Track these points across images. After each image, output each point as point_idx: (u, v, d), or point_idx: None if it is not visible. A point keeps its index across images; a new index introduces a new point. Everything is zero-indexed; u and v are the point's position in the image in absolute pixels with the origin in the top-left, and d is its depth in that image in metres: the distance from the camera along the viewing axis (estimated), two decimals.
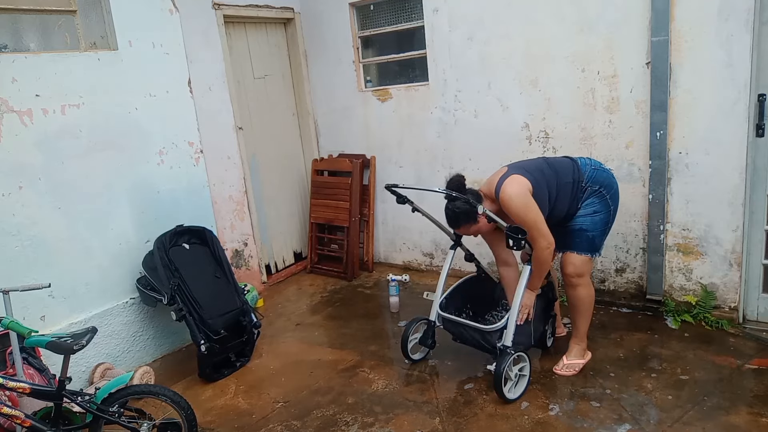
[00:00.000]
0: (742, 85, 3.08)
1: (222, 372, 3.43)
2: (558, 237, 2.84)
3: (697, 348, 3.17)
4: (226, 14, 4.30)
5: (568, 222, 2.92)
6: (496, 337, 2.87)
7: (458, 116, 4.26)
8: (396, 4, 4.47)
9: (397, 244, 4.97)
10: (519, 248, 2.73)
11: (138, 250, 3.58)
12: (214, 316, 3.37)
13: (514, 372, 2.85)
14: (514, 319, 2.82)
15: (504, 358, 2.76)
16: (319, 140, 5.22)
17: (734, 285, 3.36)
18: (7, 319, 2.42)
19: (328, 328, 3.97)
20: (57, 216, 3.19)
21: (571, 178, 2.88)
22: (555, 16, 3.63)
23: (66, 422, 2.45)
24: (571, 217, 2.91)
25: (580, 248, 2.90)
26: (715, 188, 3.28)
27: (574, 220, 2.90)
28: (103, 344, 3.41)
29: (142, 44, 3.58)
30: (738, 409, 2.61)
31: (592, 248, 2.91)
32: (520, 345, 2.88)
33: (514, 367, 2.85)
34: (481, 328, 2.91)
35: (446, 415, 2.81)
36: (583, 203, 2.89)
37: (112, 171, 3.46)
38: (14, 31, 3.16)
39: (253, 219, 4.61)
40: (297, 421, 2.90)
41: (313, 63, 5.02)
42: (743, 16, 3.00)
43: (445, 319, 3.08)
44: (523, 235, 2.68)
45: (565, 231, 2.91)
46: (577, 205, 2.90)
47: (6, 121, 2.96)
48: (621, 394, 2.82)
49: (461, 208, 2.76)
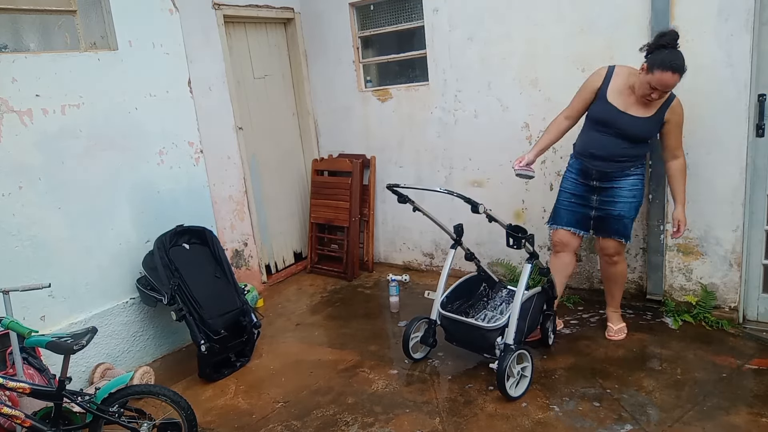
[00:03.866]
0: (742, 85, 3.08)
1: (222, 372, 3.43)
2: (598, 224, 3.16)
3: (697, 348, 3.17)
4: (226, 14, 4.30)
5: (609, 200, 3.09)
6: (496, 336, 2.87)
7: (458, 116, 4.26)
8: (396, 4, 4.47)
9: (397, 244, 4.97)
10: (519, 247, 2.74)
11: (138, 250, 3.58)
12: (214, 316, 3.37)
13: (517, 370, 2.86)
14: (516, 316, 2.83)
15: (507, 355, 2.77)
16: (319, 140, 5.22)
17: (734, 285, 3.36)
18: (7, 319, 2.42)
19: (328, 328, 3.97)
20: (57, 216, 3.19)
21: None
22: (555, 16, 3.63)
23: (66, 422, 2.45)
24: (614, 178, 3.06)
25: (620, 234, 3.13)
26: (715, 188, 3.28)
27: (615, 205, 3.07)
28: (103, 344, 3.41)
29: (142, 44, 3.58)
30: (738, 409, 2.61)
31: (628, 233, 3.15)
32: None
33: (516, 366, 2.85)
34: (482, 326, 2.91)
35: (446, 415, 2.81)
36: (633, 174, 3.05)
37: (112, 171, 3.46)
38: (14, 31, 3.16)
39: (253, 219, 4.61)
40: (297, 421, 2.90)
41: (313, 63, 5.02)
42: (743, 16, 3.00)
43: (446, 317, 3.08)
44: (523, 233, 2.68)
45: (605, 216, 3.12)
46: (632, 164, 3.04)
47: (6, 121, 2.96)
48: (621, 394, 2.82)
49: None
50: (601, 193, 3.12)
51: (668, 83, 2.71)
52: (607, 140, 2.99)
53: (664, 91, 2.76)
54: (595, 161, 3.05)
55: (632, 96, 2.91)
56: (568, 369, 3.10)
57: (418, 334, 3.31)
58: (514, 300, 2.87)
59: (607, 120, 2.96)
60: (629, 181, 3.05)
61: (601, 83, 3.00)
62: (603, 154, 3.02)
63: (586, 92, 3.06)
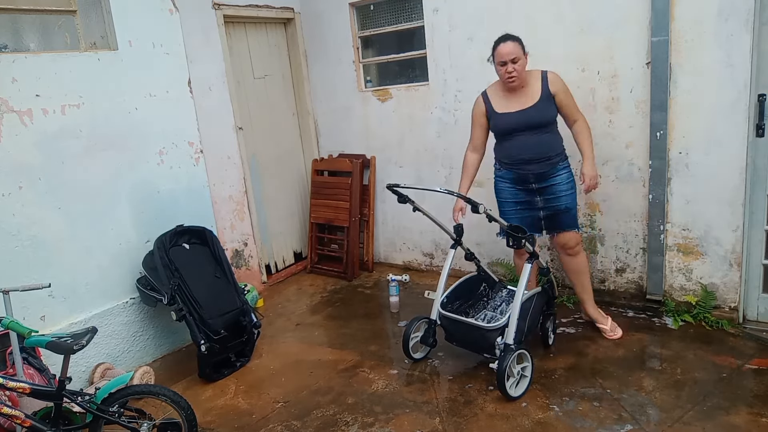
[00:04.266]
0: (742, 85, 3.08)
1: (222, 372, 3.43)
2: (550, 222, 3.26)
3: (697, 348, 3.17)
4: (226, 14, 4.30)
5: (552, 197, 3.20)
6: (496, 336, 2.87)
7: (458, 116, 4.26)
8: (396, 4, 4.47)
9: (397, 244, 4.97)
10: (519, 247, 2.74)
11: (138, 250, 3.58)
12: (214, 316, 3.37)
13: (517, 369, 2.86)
14: (516, 316, 2.83)
15: (507, 355, 2.77)
16: (319, 140, 5.22)
17: (734, 285, 3.36)
18: (7, 319, 2.42)
19: (328, 328, 3.97)
20: (57, 216, 3.19)
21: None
22: (555, 16, 3.63)
23: (66, 422, 2.45)
24: (550, 176, 3.18)
25: (573, 225, 3.26)
26: (715, 188, 3.28)
27: (559, 200, 3.19)
28: (103, 344, 3.41)
29: (142, 44, 3.58)
30: (738, 409, 2.61)
31: (577, 223, 3.31)
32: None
33: (517, 366, 2.85)
34: (483, 326, 2.91)
35: (446, 415, 2.81)
36: (563, 167, 3.20)
37: (112, 171, 3.46)
38: (14, 31, 3.16)
39: (253, 219, 4.61)
40: (297, 421, 2.90)
41: (313, 63, 5.02)
42: (743, 16, 3.00)
43: (446, 317, 3.08)
44: (523, 233, 2.68)
45: (554, 213, 3.22)
46: (560, 158, 3.20)
47: (6, 121, 2.96)
48: (621, 394, 2.82)
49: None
50: (542, 193, 3.21)
51: (508, 51, 2.98)
52: (525, 140, 3.13)
53: (511, 60, 2.99)
54: (530, 165, 3.16)
55: (507, 93, 3.15)
56: (568, 369, 3.10)
57: (418, 334, 3.30)
58: (514, 300, 2.87)
59: (510, 125, 3.14)
60: (563, 175, 3.19)
61: (484, 106, 3.24)
62: (533, 155, 3.13)
63: (478, 120, 3.31)
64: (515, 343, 2.84)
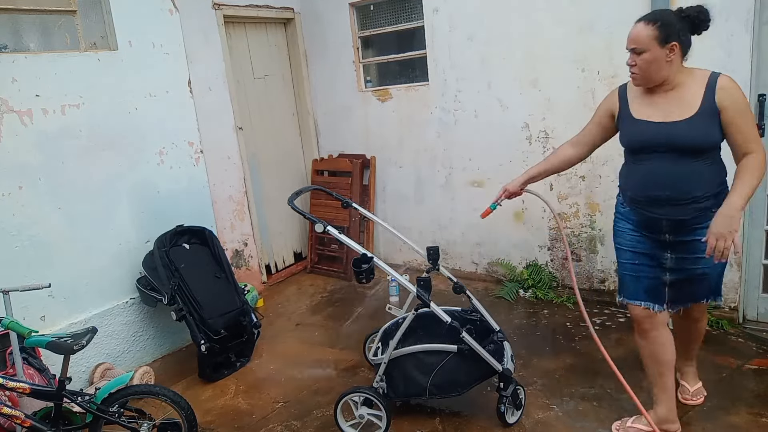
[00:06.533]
0: (742, 85, 3.07)
1: (222, 372, 3.43)
2: (674, 289, 2.31)
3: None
4: (226, 14, 4.30)
5: (688, 257, 2.24)
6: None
7: (458, 116, 4.26)
8: (396, 4, 4.47)
9: (397, 244, 4.97)
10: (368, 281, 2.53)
11: (138, 250, 3.59)
12: (214, 316, 3.37)
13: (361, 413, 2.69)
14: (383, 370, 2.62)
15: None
16: (319, 140, 5.22)
17: (734, 285, 3.36)
18: (7, 319, 2.42)
19: (328, 328, 3.97)
20: (57, 216, 3.19)
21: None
22: (555, 16, 3.63)
23: (66, 422, 2.45)
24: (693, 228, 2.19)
25: (711, 293, 2.38)
26: None
27: (697, 262, 2.23)
28: (103, 344, 3.41)
29: (142, 44, 3.58)
30: (738, 409, 2.61)
31: (715, 290, 2.38)
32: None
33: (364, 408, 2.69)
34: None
35: (446, 415, 2.81)
36: (714, 215, 2.07)
37: (112, 171, 3.46)
38: (14, 31, 3.16)
39: (253, 219, 4.61)
40: (297, 421, 2.90)
41: (313, 63, 5.02)
42: (743, 16, 3.00)
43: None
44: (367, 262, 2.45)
45: (684, 279, 2.29)
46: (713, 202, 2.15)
47: (6, 121, 2.96)
48: (621, 394, 2.81)
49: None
50: (676, 250, 2.25)
51: (633, 36, 2.16)
52: (664, 168, 2.16)
53: (634, 50, 2.16)
54: (661, 208, 2.19)
55: (652, 95, 2.22)
56: (568, 369, 3.10)
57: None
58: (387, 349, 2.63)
59: (645, 139, 2.20)
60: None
61: (618, 103, 2.33)
62: (671, 194, 2.15)
63: (599, 116, 2.43)
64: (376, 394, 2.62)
